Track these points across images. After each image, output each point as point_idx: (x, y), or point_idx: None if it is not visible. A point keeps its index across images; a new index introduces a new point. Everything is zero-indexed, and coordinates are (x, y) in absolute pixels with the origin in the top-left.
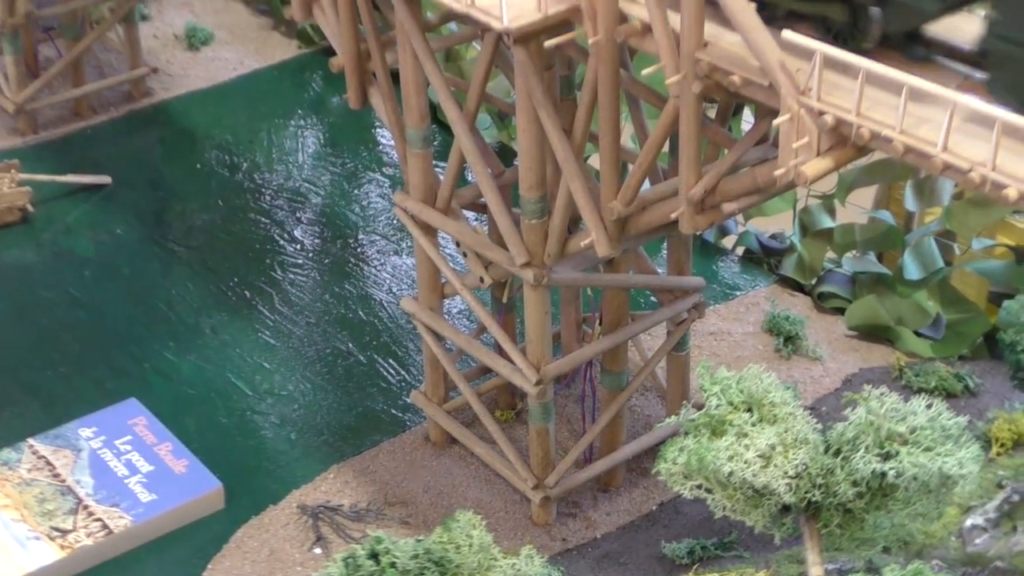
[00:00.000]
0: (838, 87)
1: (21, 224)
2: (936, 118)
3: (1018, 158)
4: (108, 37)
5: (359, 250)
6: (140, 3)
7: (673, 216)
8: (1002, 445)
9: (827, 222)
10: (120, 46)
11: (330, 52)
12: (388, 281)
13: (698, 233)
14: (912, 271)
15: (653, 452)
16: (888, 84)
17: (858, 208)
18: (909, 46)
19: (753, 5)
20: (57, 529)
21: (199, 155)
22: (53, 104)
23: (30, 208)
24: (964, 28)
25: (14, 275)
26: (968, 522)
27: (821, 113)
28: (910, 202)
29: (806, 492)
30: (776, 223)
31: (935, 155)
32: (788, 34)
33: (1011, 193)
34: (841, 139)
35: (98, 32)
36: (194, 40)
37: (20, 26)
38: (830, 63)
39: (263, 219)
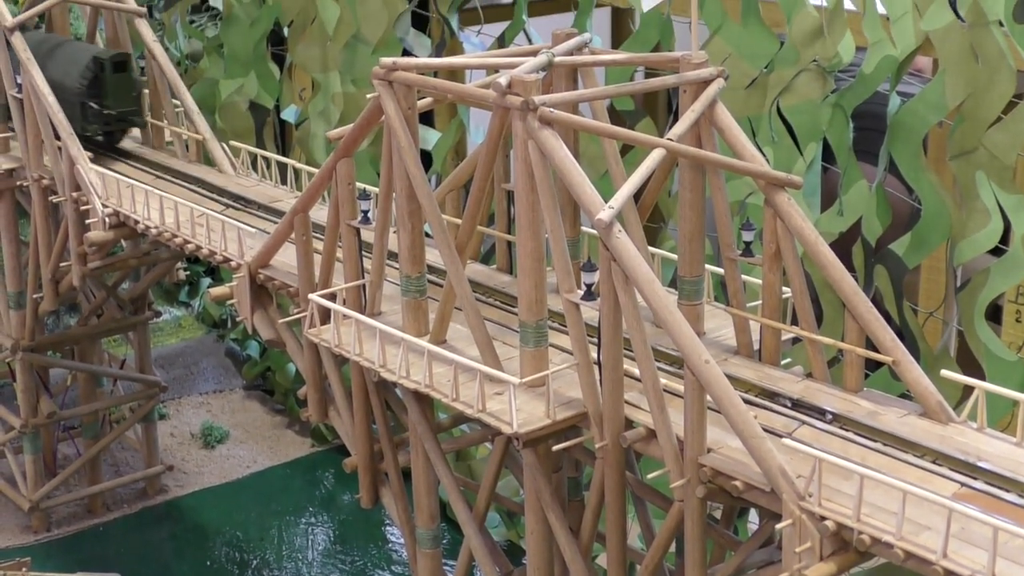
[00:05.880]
0: (839, 492)
1: None
2: (936, 524)
3: (1016, 565)
4: (126, 436)
5: None
6: (160, 403)
7: None
8: None
9: None
10: (137, 444)
11: (343, 449)
12: None
13: None
14: None
15: None
16: (887, 490)
17: None
18: None
19: (754, 413)
20: None
21: (209, 552)
22: (68, 502)
23: None
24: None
25: None
26: None
27: (822, 518)
28: None
29: None
30: None
31: (936, 562)
32: (788, 441)
33: None
34: (843, 544)
35: (118, 432)
36: (210, 438)
37: (42, 426)
38: (830, 469)
39: None
